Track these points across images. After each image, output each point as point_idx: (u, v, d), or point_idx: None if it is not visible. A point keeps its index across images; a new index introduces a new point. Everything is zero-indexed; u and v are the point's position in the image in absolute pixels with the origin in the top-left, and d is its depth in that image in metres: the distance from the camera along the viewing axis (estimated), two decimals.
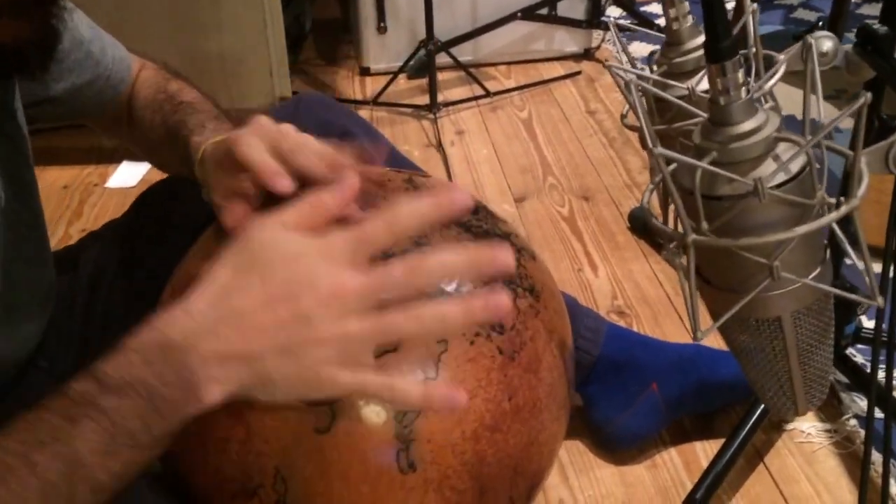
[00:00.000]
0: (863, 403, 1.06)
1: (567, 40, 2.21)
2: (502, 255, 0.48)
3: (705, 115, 0.55)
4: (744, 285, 0.55)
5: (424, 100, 1.94)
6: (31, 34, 0.57)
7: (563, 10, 2.14)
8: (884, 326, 0.70)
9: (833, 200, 0.53)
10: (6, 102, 0.68)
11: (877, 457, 0.97)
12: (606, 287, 1.35)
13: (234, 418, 0.56)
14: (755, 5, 0.59)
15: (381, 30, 2.12)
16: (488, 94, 2.01)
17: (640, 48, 2.21)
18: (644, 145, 0.53)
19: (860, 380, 1.02)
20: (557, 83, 2.10)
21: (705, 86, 0.66)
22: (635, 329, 1.24)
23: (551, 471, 0.70)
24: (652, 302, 1.30)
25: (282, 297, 0.49)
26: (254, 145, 0.60)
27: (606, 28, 2.19)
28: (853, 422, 1.05)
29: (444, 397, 0.51)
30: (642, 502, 0.97)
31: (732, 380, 0.99)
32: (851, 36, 0.71)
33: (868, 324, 1.13)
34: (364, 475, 0.56)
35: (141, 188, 0.96)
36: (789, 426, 1.05)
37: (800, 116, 0.52)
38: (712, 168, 0.51)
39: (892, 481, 0.91)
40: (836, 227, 0.55)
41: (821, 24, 0.90)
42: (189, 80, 0.83)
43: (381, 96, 1.99)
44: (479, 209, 0.69)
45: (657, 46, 0.71)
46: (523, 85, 2.08)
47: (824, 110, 0.53)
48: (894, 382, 0.70)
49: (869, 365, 1.06)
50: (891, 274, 0.68)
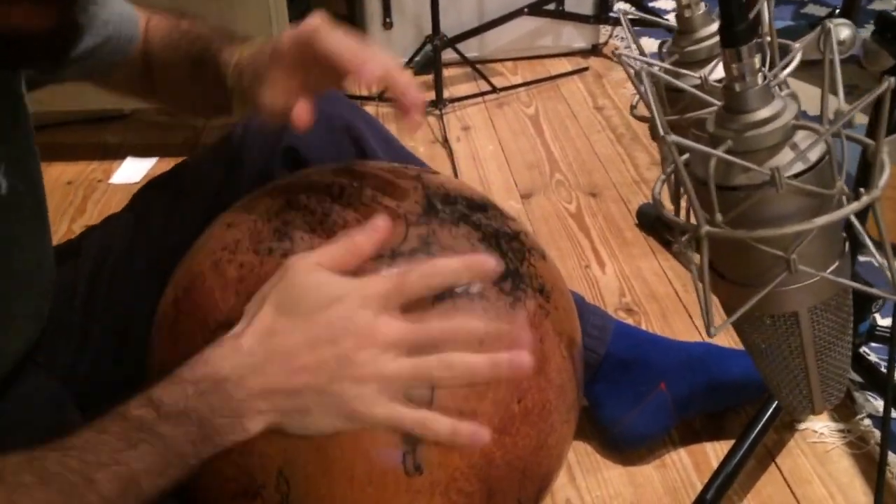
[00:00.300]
0: (877, 403, 1.04)
1: (574, 36, 2.19)
2: (524, 333, 0.59)
3: (719, 103, 0.54)
4: (759, 279, 0.53)
5: (430, 96, 1.92)
6: (51, 24, 0.56)
7: (570, 5, 2.12)
8: None
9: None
10: (12, 87, 0.67)
11: (893, 458, 0.96)
12: (614, 284, 1.33)
13: None
14: None
15: (387, 25, 2.10)
16: (495, 90, 1.99)
17: (649, 44, 2.19)
18: (655, 135, 0.52)
19: (875, 379, 1.00)
20: (564, 79, 2.08)
21: (717, 75, 0.64)
22: (644, 327, 1.22)
23: (559, 473, 0.69)
24: (660, 299, 1.28)
25: (323, 339, 0.54)
26: (337, 34, 0.60)
27: (614, 23, 2.17)
28: (867, 421, 1.03)
29: (470, 434, 0.56)
30: (651, 503, 0.95)
31: (743, 379, 0.97)
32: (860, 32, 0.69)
33: (882, 322, 1.11)
34: (369, 477, 0.55)
35: None
36: (802, 426, 1.03)
37: (812, 112, 0.50)
38: (728, 157, 0.49)
39: None
40: (854, 220, 0.53)
41: (837, 12, 0.88)
42: (199, 17, 0.82)
43: (386, 92, 1.97)
44: (487, 207, 0.68)
45: (667, 42, 0.69)
46: (530, 81, 2.06)
47: (842, 100, 0.52)
48: None
49: (882, 364, 1.05)
50: None
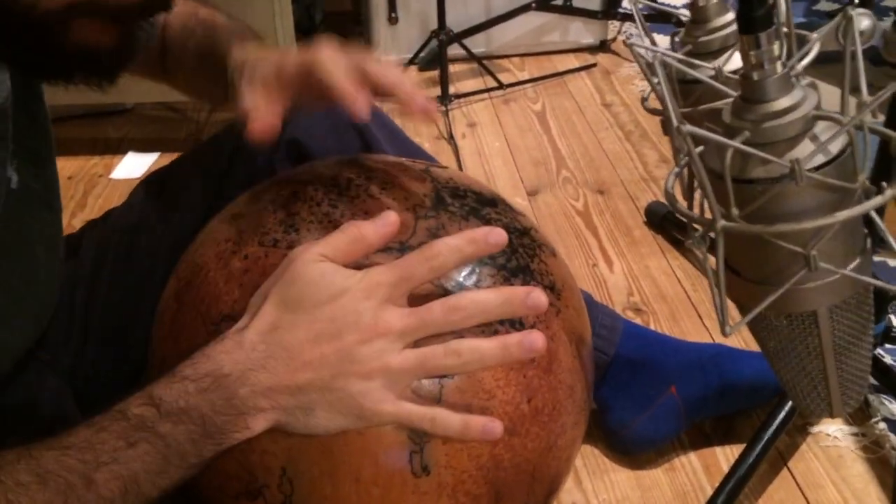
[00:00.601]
0: (892, 406, 1.02)
1: (582, 32, 2.17)
2: (536, 295, 0.52)
3: (734, 94, 0.51)
4: (777, 277, 0.51)
5: (436, 91, 1.90)
6: (116, 41, 0.56)
7: (578, 0, 2.10)
8: None
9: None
10: (33, 84, 0.66)
11: None
12: (622, 283, 1.31)
13: None
14: None
15: (393, 20, 2.09)
16: (501, 86, 1.96)
17: (659, 40, 2.16)
18: (668, 128, 0.50)
19: (890, 382, 0.97)
20: (572, 75, 2.06)
21: (732, 66, 0.62)
22: (652, 327, 1.20)
23: (568, 477, 0.67)
24: (670, 299, 1.26)
25: (327, 334, 0.52)
26: (338, 64, 0.59)
27: (622, 19, 2.14)
28: (882, 425, 1.00)
29: (482, 427, 0.53)
30: None
31: (756, 381, 0.95)
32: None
33: None
34: (375, 478, 0.54)
35: None
36: (815, 429, 1.00)
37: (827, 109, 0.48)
38: (745, 148, 0.47)
39: None
40: (875, 216, 0.51)
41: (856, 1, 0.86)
42: (218, 8, 0.81)
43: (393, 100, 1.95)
44: (497, 202, 0.66)
45: (679, 32, 0.67)
46: (537, 77, 2.04)
47: (865, 90, 0.49)
48: None
49: None
50: None
